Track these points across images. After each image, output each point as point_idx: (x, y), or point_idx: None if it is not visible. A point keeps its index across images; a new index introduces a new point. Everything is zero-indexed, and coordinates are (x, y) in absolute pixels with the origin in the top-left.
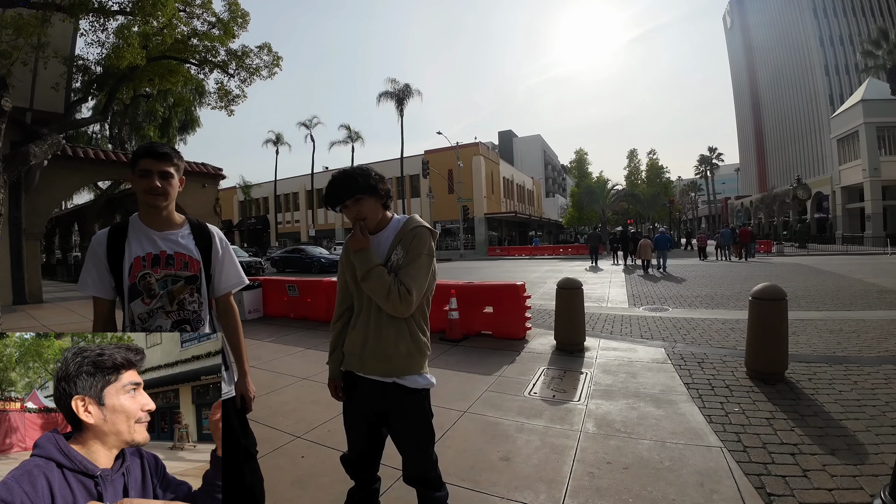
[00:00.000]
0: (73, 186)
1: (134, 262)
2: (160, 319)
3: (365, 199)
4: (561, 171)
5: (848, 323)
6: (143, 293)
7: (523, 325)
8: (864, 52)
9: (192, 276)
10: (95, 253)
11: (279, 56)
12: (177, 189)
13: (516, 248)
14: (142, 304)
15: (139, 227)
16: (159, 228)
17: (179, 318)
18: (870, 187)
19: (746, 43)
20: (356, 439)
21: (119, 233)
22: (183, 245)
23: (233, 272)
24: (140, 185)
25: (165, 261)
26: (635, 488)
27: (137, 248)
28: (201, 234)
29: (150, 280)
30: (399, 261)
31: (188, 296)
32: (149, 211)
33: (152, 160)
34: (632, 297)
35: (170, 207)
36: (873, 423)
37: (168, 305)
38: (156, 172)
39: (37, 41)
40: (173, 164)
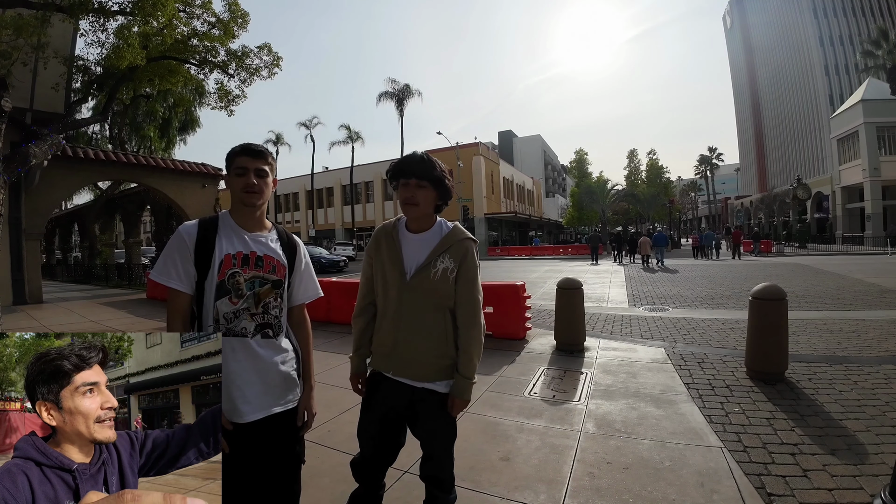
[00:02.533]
0: (73, 187)
1: (224, 259)
2: (245, 321)
3: (429, 189)
4: (561, 172)
5: (848, 323)
6: (231, 292)
7: (523, 325)
8: (864, 52)
9: (279, 281)
10: (183, 242)
11: (279, 56)
12: (271, 189)
13: (516, 248)
14: (229, 304)
15: (230, 224)
16: (251, 229)
17: (263, 322)
18: (870, 187)
19: (746, 43)
20: (371, 440)
21: (209, 226)
22: (273, 248)
23: (311, 284)
24: (236, 184)
25: (255, 262)
26: (635, 488)
27: (228, 245)
28: (288, 242)
29: (240, 279)
30: (448, 271)
31: (273, 300)
32: (243, 210)
33: (249, 158)
34: (632, 297)
35: (263, 208)
36: (873, 423)
37: (254, 307)
38: (252, 170)
39: (37, 41)
40: (268, 163)
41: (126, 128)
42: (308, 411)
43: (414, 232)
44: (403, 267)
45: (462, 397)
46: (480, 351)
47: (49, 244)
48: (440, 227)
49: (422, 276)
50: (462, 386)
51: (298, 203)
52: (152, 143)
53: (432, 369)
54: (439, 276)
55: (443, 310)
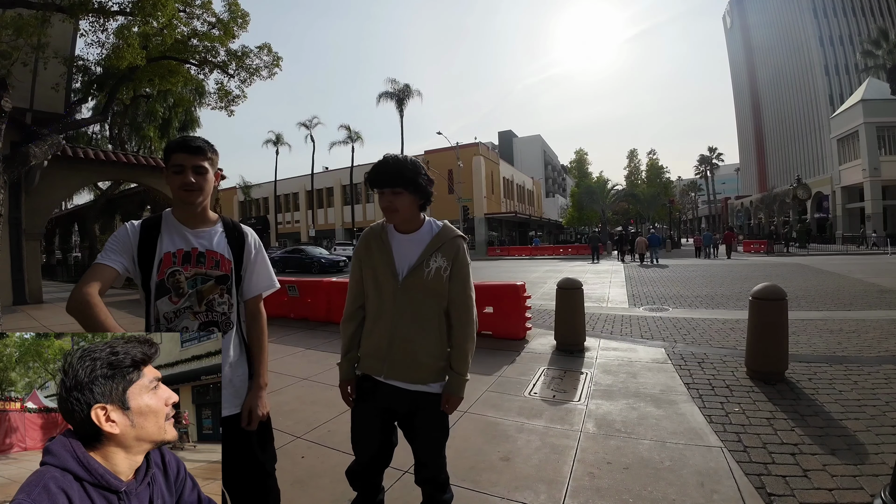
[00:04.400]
0: (73, 187)
1: (164, 258)
2: (187, 320)
3: (405, 194)
4: (561, 172)
5: (848, 323)
6: (172, 291)
7: (523, 325)
8: (864, 52)
9: (222, 276)
10: (127, 239)
11: (279, 56)
12: (212, 184)
13: (516, 249)
14: (169, 303)
15: (172, 222)
16: (192, 225)
17: (207, 320)
18: (870, 187)
19: (746, 43)
20: (367, 445)
21: (151, 226)
22: (215, 244)
23: (265, 274)
24: (174, 181)
25: (196, 258)
26: (636, 488)
27: (169, 243)
28: (234, 233)
29: (180, 278)
30: (441, 270)
31: (218, 296)
32: (183, 207)
33: (185, 154)
34: (632, 297)
35: (204, 204)
36: (873, 423)
37: (196, 306)
38: (189, 167)
39: (37, 41)
40: (207, 159)
41: (126, 128)
42: (252, 411)
43: (403, 232)
44: (395, 268)
45: (457, 395)
46: (474, 348)
47: (49, 244)
48: (430, 226)
49: (415, 276)
50: (457, 383)
51: (298, 203)
52: (152, 143)
53: (429, 371)
54: (433, 275)
55: (438, 309)
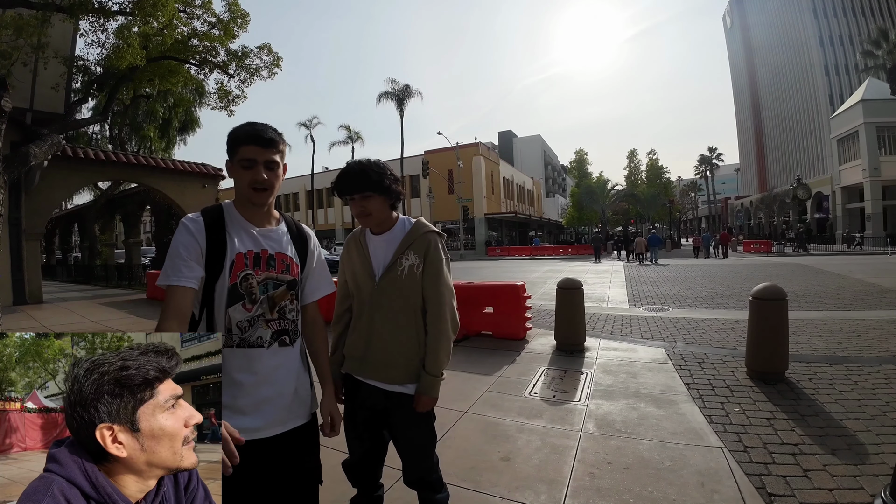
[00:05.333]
0: (74, 187)
1: (236, 260)
2: (260, 329)
3: (374, 197)
4: (561, 172)
5: (848, 323)
6: (245, 297)
7: (523, 325)
8: (864, 52)
9: (293, 281)
10: (194, 242)
11: (279, 56)
12: (281, 180)
13: (516, 249)
14: (242, 310)
15: (237, 218)
16: (259, 223)
17: (280, 329)
18: (870, 187)
19: (746, 43)
20: (358, 442)
21: (216, 221)
22: (284, 245)
23: (325, 278)
24: (241, 178)
25: (267, 261)
26: (636, 488)
27: (239, 242)
28: (299, 234)
29: (252, 282)
30: (414, 267)
31: (289, 303)
32: (250, 204)
33: (257, 148)
34: (632, 297)
35: (272, 201)
36: (874, 423)
37: (269, 313)
38: (261, 163)
39: (37, 41)
40: (279, 151)
41: (126, 128)
42: (334, 415)
43: (378, 234)
44: (372, 269)
45: (428, 394)
46: (449, 346)
47: (49, 244)
48: (402, 225)
49: (389, 276)
50: (428, 383)
51: (298, 203)
52: (152, 143)
53: (402, 372)
54: (406, 273)
55: (413, 309)
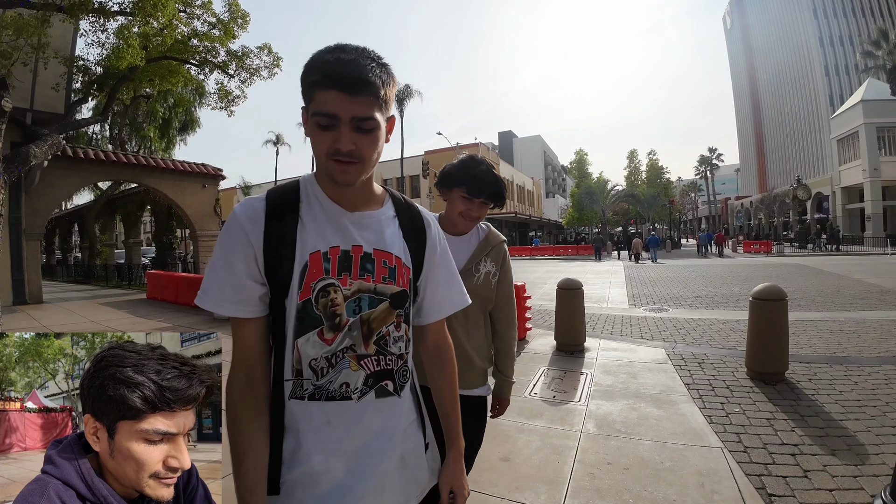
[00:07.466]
0: (74, 187)
1: (310, 262)
2: (346, 369)
3: (486, 208)
4: (561, 172)
5: (848, 323)
6: (324, 320)
7: (523, 325)
8: (864, 53)
9: (400, 294)
10: (245, 237)
11: (279, 56)
12: (383, 144)
13: (516, 249)
14: (319, 342)
15: (318, 196)
16: (351, 206)
17: (378, 369)
18: (870, 187)
19: (746, 43)
20: None
21: (286, 204)
22: (388, 237)
23: (454, 285)
24: (319, 140)
25: (360, 264)
26: (636, 489)
27: (316, 236)
28: (412, 220)
29: (336, 297)
30: (490, 275)
31: (394, 328)
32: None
33: (342, 96)
34: (632, 297)
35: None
36: (874, 424)
37: (361, 345)
38: (346, 121)
39: (37, 42)
40: (380, 101)
41: (126, 128)
42: (457, 494)
43: (455, 235)
44: None
45: (507, 397)
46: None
47: (49, 244)
48: (477, 230)
49: (464, 280)
50: (506, 387)
51: None
52: (152, 143)
53: (477, 375)
54: (482, 280)
55: (484, 314)
